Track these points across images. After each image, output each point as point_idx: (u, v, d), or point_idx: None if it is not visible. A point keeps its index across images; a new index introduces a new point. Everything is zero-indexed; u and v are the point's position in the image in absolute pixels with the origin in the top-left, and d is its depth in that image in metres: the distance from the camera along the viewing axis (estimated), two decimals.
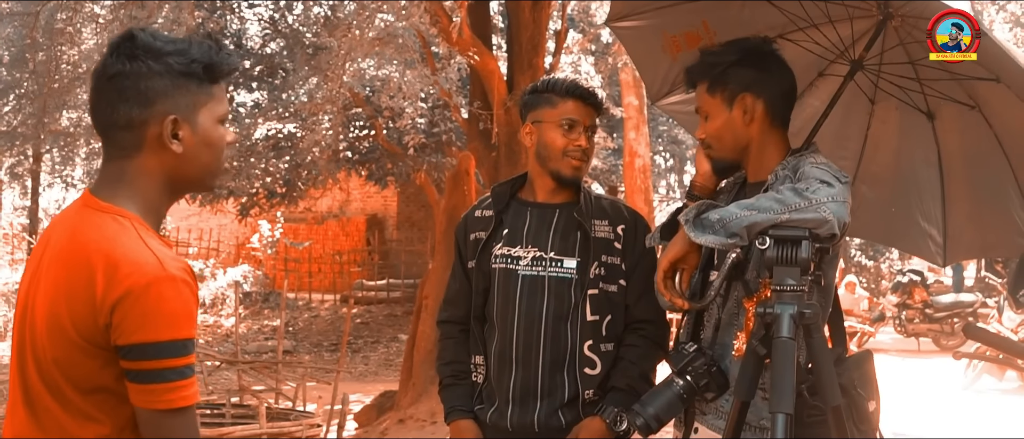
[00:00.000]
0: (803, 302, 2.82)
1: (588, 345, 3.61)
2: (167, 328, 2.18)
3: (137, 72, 2.27)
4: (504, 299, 3.69)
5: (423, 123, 16.11)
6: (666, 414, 3.19)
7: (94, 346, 2.22)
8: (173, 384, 2.19)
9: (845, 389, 3.08)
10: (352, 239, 27.09)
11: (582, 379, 3.61)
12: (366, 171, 19.63)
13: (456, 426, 3.79)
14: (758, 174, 3.30)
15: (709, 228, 2.92)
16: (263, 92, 18.30)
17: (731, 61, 3.29)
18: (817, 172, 3.01)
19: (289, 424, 8.10)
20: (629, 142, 17.01)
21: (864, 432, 3.15)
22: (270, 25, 17.95)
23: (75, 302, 2.21)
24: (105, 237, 2.24)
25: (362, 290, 22.71)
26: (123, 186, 2.33)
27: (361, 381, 14.60)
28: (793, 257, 2.81)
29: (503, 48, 14.23)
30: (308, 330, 20.13)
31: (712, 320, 3.34)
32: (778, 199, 2.89)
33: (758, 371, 2.93)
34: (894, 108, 3.78)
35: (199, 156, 2.38)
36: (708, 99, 3.32)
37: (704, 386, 3.18)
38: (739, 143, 3.31)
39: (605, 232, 3.67)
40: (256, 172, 18.74)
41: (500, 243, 3.74)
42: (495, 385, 3.72)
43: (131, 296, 2.16)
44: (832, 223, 2.85)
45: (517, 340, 3.64)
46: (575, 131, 3.65)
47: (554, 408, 3.62)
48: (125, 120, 2.29)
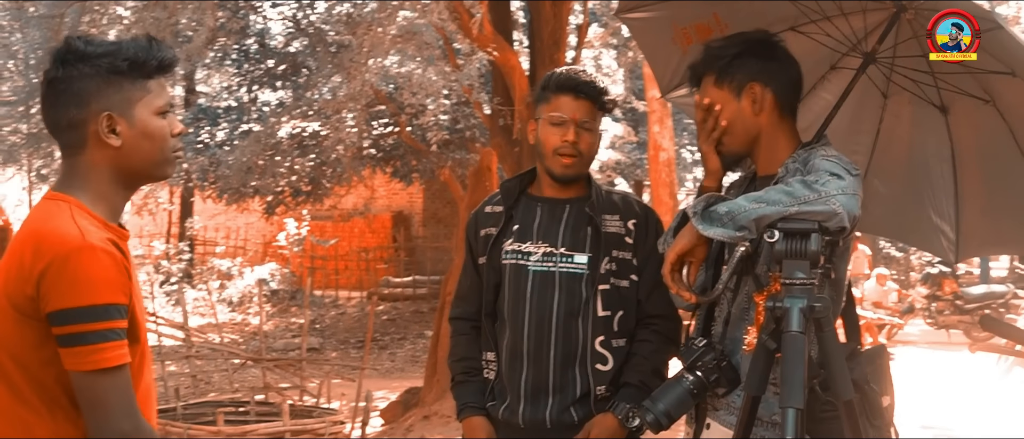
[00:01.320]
0: (813, 296, 2.80)
1: (599, 341, 3.59)
2: (85, 294, 2.33)
3: (69, 76, 2.48)
4: (515, 295, 3.67)
5: (446, 120, 16.08)
6: (677, 410, 3.16)
7: (28, 318, 2.38)
8: (95, 346, 2.34)
9: (858, 384, 3.05)
10: (378, 236, 27.13)
11: (594, 375, 3.59)
12: (391, 168, 19.64)
13: (468, 423, 3.78)
14: (768, 167, 3.27)
15: (717, 221, 2.90)
16: (287, 91, 18.34)
17: (736, 52, 3.26)
18: (827, 164, 2.97)
19: (312, 421, 8.11)
20: (653, 136, 16.92)
21: (878, 428, 3.11)
22: (293, 24, 17.98)
23: (10, 277, 2.40)
24: (39, 218, 2.45)
25: (388, 287, 22.74)
26: (75, 179, 2.53)
27: (387, 378, 14.61)
28: (802, 250, 2.78)
29: (525, 43, 14.19)
30: (335, 327, 20.17)
31: (722, 315, 3.31)
32: (787, 191, 2.86)
33: (768, 366, 2.91)
34: (907, 102, 3.73)
35: (140, 148, 2.55)
36: (715, 91, 3.28)
37: (714, 381, 3.15)
38: (750, 134, 3.27)
39: (616, 227, 3.64)
40: (281, 170, 18.79)
41: (511, 239, 3.72)
42: (507, 381, 3.70)
43: (54, 266, 2.32)
44: (842, 216, 2.82)
45: (528, 336, 3.62)
46: (565, 127, 3.61)
47: (566, 404, 3.60)
48: (66, 121, 2.50)
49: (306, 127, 17.58)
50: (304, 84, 17.11)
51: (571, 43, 13.32)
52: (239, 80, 19.14)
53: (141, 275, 21.09)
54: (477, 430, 3.75)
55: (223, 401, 9.20)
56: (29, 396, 2.41)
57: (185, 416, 8.34)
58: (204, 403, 9.00)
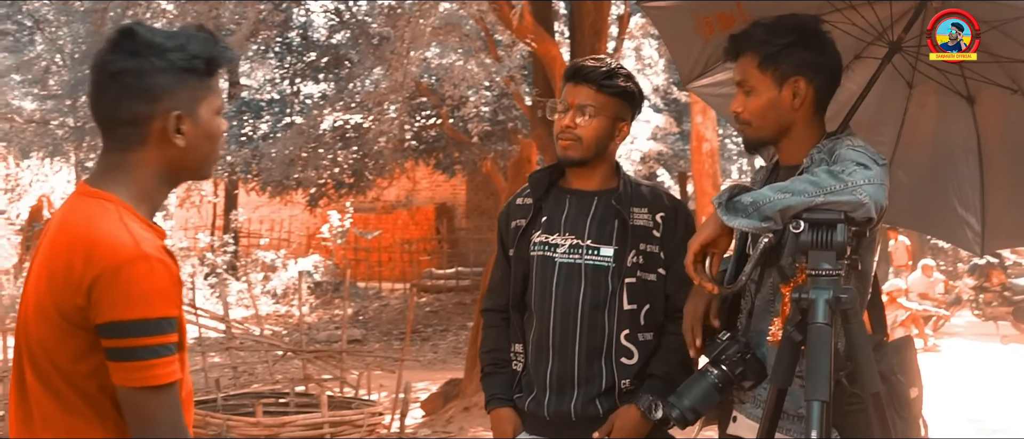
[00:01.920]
0: (839, 287, 2.77)
1: (625, 334, 3.56)
2: (140, 306, 2.22)
3: (140, 69, 2.31)
4: (541, 287, 3.65)
5: (487, 111, 16.08)
6: (702, 405, 3.13)
7: (75, 327, 2.26)
8: (147, 362, 2.23)
9: (885, 376, 3.02)
10: (422, 228, 27.17)
11: (619, 368, 3.57)
12: (433, 160, 19.67)
13: (495, 414, 3.77)
14: (792, 157, 3.22)
15: (742, 211, 2.86)
16: (329, 83, 18.40)
17: (789, 41, 3.17)
18: (854, 154, 2.93)
19: (350, 413, 8.13)
20: (696, 126, 16.86)
21: (906, 420, 3.08)
22: (336, 16, 18.03)
23: (56, 283, 2.27)
24: (85, 219, 2.29)
25: (431, 279, 22.76)
26: (117, 175, 2.38)
27: (430, 369, 14.63)
28: (828, 241, 2.75)
29: (566, 35, 14.16)
30: (378, 319, 20.21)
31: (746, 307, 3.28)
32: (813, 181, 2.82)
33: (794, 358, 2.88)
34: (933, 92, 3.67)
35: (200, 148, 2.43)
36: (757, 74, 3.19)
37: (740, 375, 3.12)
38: (782, 124, 3.21)
39: (644, 220, 3.61)
40: (324, 163, 18.85)
41: (539, 230, 3.70)
42: (532, 373, 3.69)
43: (106, 275, 2.21)
44: (868, 206, 2.78)
45: (554, 328, 3.60)
46: (564, 112, 3.62)
47: (591, 396, 3.58)
48: (129, 116, 2.34)
49: (349, 119, 17.62)
50: (346, 76, 17.15)
51: (612, 34, 13.25)
52: (282, 73, 19.23)
53: (186, 267, 21.30)
54: (504, 421, 3.74)
55: (263, 392, 9.23)
56: (78, 405, 2.30)
57: (225, 407, 8.38)
58: (244, 394, 9.03)
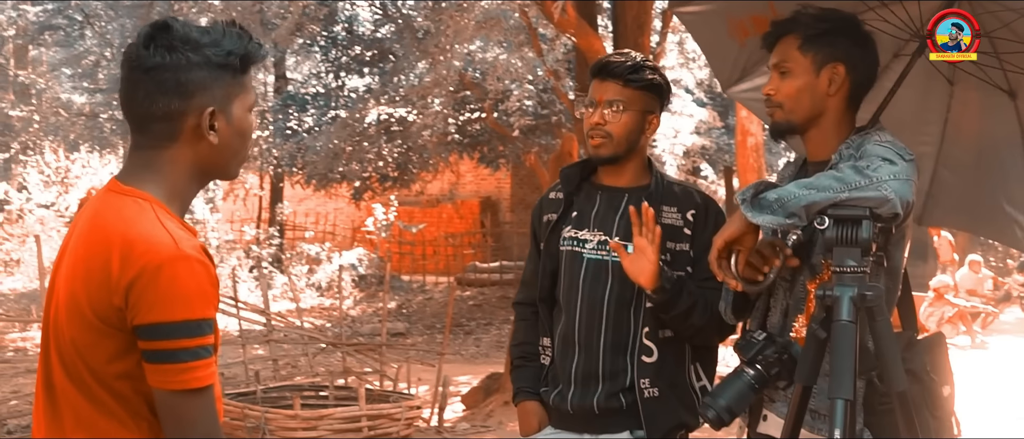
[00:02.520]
0: (864, 284, 2.74)
1: (646, 332, 3.55)
2: (181, 308, 2.18)
3: (177, 64, 2.26)
4: (569, 282, 3.65)
5: (531, 105, 16.08)
6: (738, 405, 3.09)
7: (111, 328, 2.21)
8: (187, 365, 2.19)
9: (917, 374, 2.99)
10: (466, 222, 27.23)
11: (638, 367, 3.55)
12: (477, 154, 19.69)
13: (522, 407, 3.78)
14: (820, 152, 3.18)
15: (767, 208, 2.83)
16: (374, 77, 18.45)
17: (833, 26, 3.15)
18: (879, 150, 2.90)
19: (388, 406, 8.13)
20: (741, 120, 16.74)
21: (939, 419, 3.04)
22: (381, 10, 18.08)
23: (92, 283, 2.22)
24: (122, 218, 2.24)
25: (475, 272, 22.78)
26: (150, 173, 2.33)
27: (472, 363, 14.63)
28: (853, 237, 2.72)
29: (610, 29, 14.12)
30: (421, 312, 20.27)
31: (779, 305, 3.24)
32: (838, 177, 2.79)
33: (819, 356, 2.84)
34: (974, 88, 3.61)
35: (232, 145, 2.39)
36: (796, 56, 3.15)
37: (775, 375, 3.09)
38: (814, 111, 3.17)
39: (673, 218, 3.58)
40: (369, 156, 18.91)
41: (569, 225, 3.69)
42: (558, 367, 3.69)
43: (145, 275, 2.17)
44: (894, 202, 2.75)
45: (580, 323, 3.60)
46: (593, 109, 3.61)
47: (615, 391, 3.57)
48: (163, 112, 2.29)
49: (393, 113, 17.67)
50: (391, 70, 17.20)
51: (656, 27, 13.20)
52: (327, 67, 19.30)
53: (231, 260, 21.44)
54: (530, 414, 3.75)
55: (303, 385, 9.27)
56: (112, 406, 2.26)
57: (265, 400, 8.42)
58: (284, 387, 9.06)
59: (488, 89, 14.62)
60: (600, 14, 14.24)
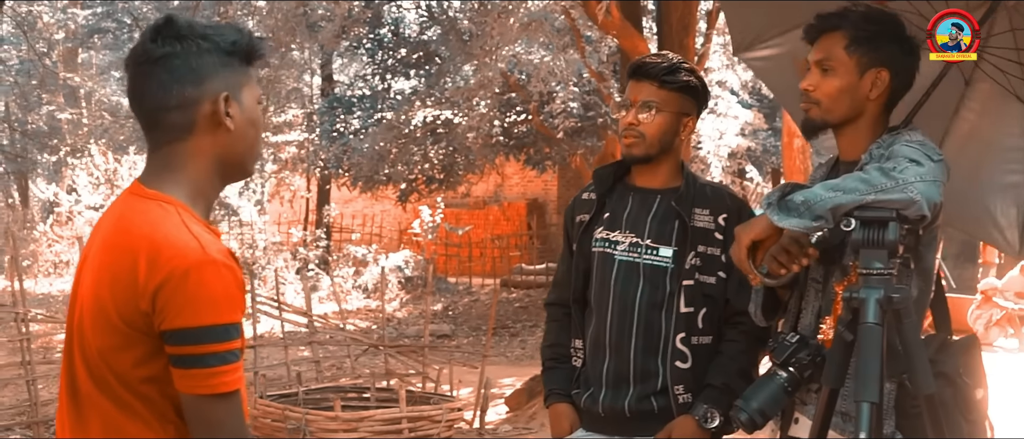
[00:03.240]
0: (891, 286, 2.71)
1: (681, 337, 3.53)
2: (209, 312, 2.16)
3: (188, 51, 2.26)
4: (601, 283, 3.63)
5: (576, 107, 16.07)
6: (771, 408, 3.06)
7: (138, 333, 2.20)
8: (215, 369, 2.18)
9: (949, 377, 2.95)
10: (513, 223, 27.22)
11: (672, 372, 3.53)
12: (524, 156, 19.70)
13: (554, 409, 3.77)
14: (852, 152, 3.15)
15: (793, 211, 2.80)
16: (420, 79, 18.51)
17: (882, 30, 3.10)
18: (907, 151, 2.86)
19: (428, 408, 8.14)
20: (788, 122, 16.63)
21: (972, 422, 2.99)
22: (427, 13, 18.14)
23: (118, 288, 2.20)
24: (148, 222, 2.23)
25: (521, 274, 22.76)
26: (171, 173, 2.32)
27: (517, 365, 14.61)
28: (880, 239, 2.69)
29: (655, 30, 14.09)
30: (467, 314, 20.27)
31: (811, 307, 3.21)
32: (864, 179, 2.76)
33: (846, 358, 2.81)
34: (987, 91, 3.58)
35: (246, 135, 2.38)
36: (842, 55, 3.10)
37: (809, 377, 3.05)
38: (853, 112, 3.13)
39: (705, 222, 3.56)
40: (415, 159, 18.98)
41: (601, 226, 3.68)
42: (590, 369, 3.68)
43: (172, 280, 2.15)
44: (920, 203, 2.71)
45: (611, 325, 3.58)
46: (628, 109, 3.59)
47: (646, 394, 3.56)
48: (178, 100, 2.28)
49: (439, 115, 17.73)
50: (436, 72, 17.25)
51: (701, 29, 13.15)
52: (373, 69, 19.38)
53: (278, 262, 21.55)
54: (561, 417, 3.74)
55: (344, 387, 9.30)
56: (140, 410, 2.25)
57: (307, 401, 8.46)
58: (325, 388, 9.10)
59: (533, 91, 14.64)
60: (645, 16, 14.21)
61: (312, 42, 16.30)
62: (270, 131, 21.76)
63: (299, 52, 17.58)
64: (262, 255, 22.39)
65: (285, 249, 23.84)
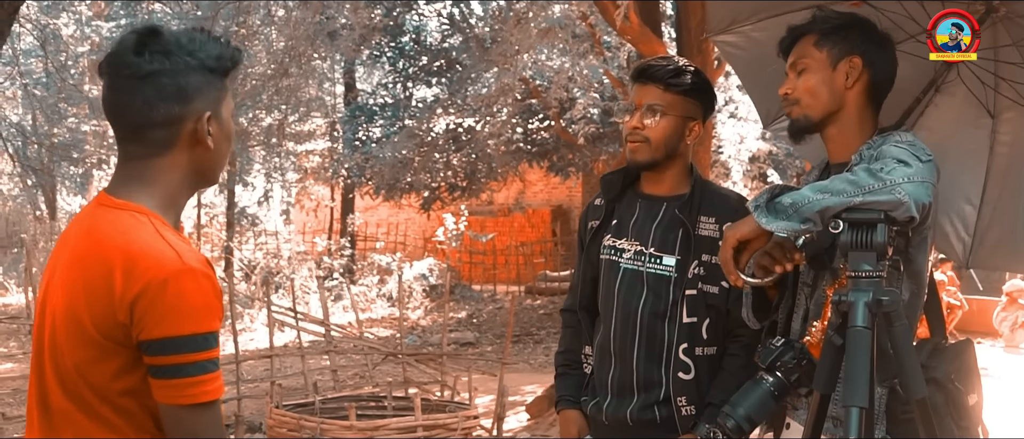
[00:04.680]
0: (880, 289, 2.68)
1: (683, 348, 3.50)
2: (188, 322, 2.15)
3: (175, 69, 2.24)
4: (607, 291, 3.63)
5: (597, 113, 16.04)
6: (758, 414, 3.03)
7: (115, 344, 2.19)
8: (196, 379, 2.16)
9: (941, 383, 2.92)
10: (538, 230, 27.22)
11: (675, 383, 3.50)
12: (546, 163, 19.66)
13: (563, 416, 3.77)
14: (841, 154, 3.13)
15: (781, 214, 2.77)
16: (442, 86, 18.52)
17: (849, 23, 3.13)
18: (895, 151, 2.83)
19: (444, 416, 8.11)
20: None
21: (964, 428, 2.96)
22: (448, 21, 18.16)
23: (94, 300, 2.18)
24: (121, 233, 2.21)
25: (546, 281, 22.74)
26: (142, 184, 2.30)
27: (540, 372, 14.59)
28: (868, 241, 2.66)
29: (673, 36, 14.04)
30: (492, 321, 20.25)
31: (800, 311, 3.18)
32: (851, 181, 2.72)
33: (837, 363, 2.78)
34: (960, 95, 3.54)
35: (222, 150, 2.37)
36: (813, 52, 3.13)
37: (796, 381, 3.02)
38: (833, 105, 3.13)
39: (710, 230, 3.52)
40: (437, 166, 18.99)
41: (609, 233, 3.66)
42: (596, 377, 3.68)
43: (150, 291, 2.14)
44: (908, 205, 2.67)
45: (615, 333, 3.58)
46: (632, 113, 3.57)
47: (650, 403, 3.54)
48: (163, 118, 2.26)
49: (461, 122, 17.73)
50: (458, 80, 17.26)
51: None
52: (394, 77, 19.40)
53: (303, 271, 21.59)
54: (570, 423, 3.74)
55: (361, 395, 9.28)
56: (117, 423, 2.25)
57: (323, 410, 8.45)
58: (342, 397, 9.09)
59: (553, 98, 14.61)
60: (664, 20, 14.16)
61: (333, 51, 16.34)
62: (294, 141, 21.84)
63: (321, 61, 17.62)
64: (287, 265, 22.44)
65: (310, 258, 23.88)
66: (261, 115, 18.42)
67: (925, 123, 3.63)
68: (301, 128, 21.70)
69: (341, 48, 15.22)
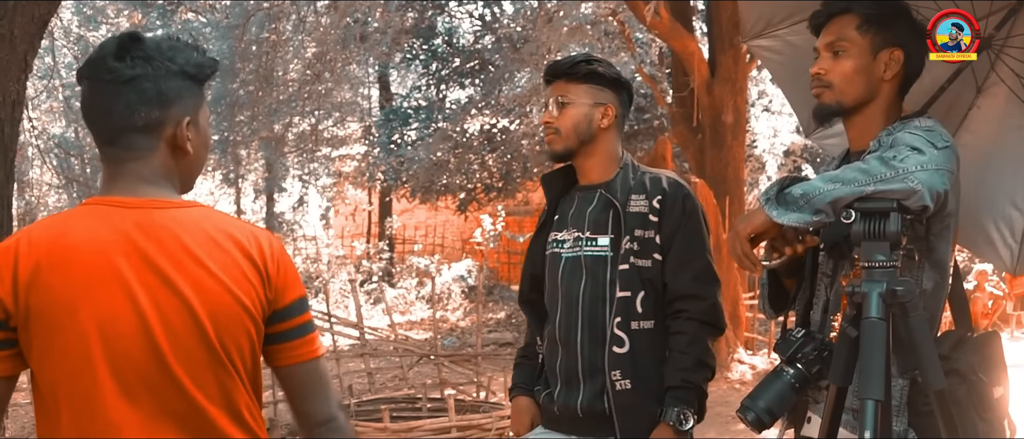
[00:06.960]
0: (895, 279, 2.61)
1: (617, 322, 3.52)
2: (300, 282, 2.36)
3: (157, 74, 2.25)
4: (551, 283, 3.71)
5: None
6: (779, 406, 2.96)
7: (264, 325, 2.31)
8: (316, 333, 2.38)
9: (963, 375, 2.84)
10: None
11: (609, 357, 3.51)
12: None
13: (515, 403, 3.86)
14: (862, 141, 3.04)
15: (792, 205, 2.72)
16: (475, 88, 18.53)
17: (892, 10, 3.03)
18: (909, 138, 2.76)
19: (478, 417, 8.13)
20: None
21: (988, 421, 2.87)
22: (480, 21, 18.16)
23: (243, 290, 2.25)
24: (216, 223, 2.29)
25: None
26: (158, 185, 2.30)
27: None
28: (881, 231, 2.60)
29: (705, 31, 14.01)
30: None
31: (820, 301, 3.12)
32: (863, 169, 2.67)
33: (853, 355, 2.71)
34: (1002, 96, 3.44)
35: (200, 157, 2.40)
36: (855, 36, 3.02)
37: (817, 373, 2.96)
38: (867, 95, 3.03)
39: (640, 206, 3.57)
40: (473, 168, 19.00)
41: (552, 229, 3.77)
42: (547, 367, 3.74)
43: (277, 259, 2.31)
44: (921, 193, 2.61)
45: (560, 321, 3.63)
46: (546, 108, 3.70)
47: (597, 391, 3.54)
48: (144, 122, 2.26)
49: (495, 123, 17.73)
50: (491, 80, 17.27)
51: None
52: (428, 80, 19.43)
53: (342, 274, 21.67)
54: (522, 412, 3.82)
55: (396, 397, 9.31)
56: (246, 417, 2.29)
57: (359, 412, 8.49)
58: (377, 400, 9.12)
59: None
60: (695, 16, 14.12)
61: (366, 54, 16.39)
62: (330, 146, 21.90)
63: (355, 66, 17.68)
64: (326, 269, 22.53)
65: (349, 262, 23.97)
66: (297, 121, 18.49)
67: (968, 126, 3.54)
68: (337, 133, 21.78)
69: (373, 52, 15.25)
